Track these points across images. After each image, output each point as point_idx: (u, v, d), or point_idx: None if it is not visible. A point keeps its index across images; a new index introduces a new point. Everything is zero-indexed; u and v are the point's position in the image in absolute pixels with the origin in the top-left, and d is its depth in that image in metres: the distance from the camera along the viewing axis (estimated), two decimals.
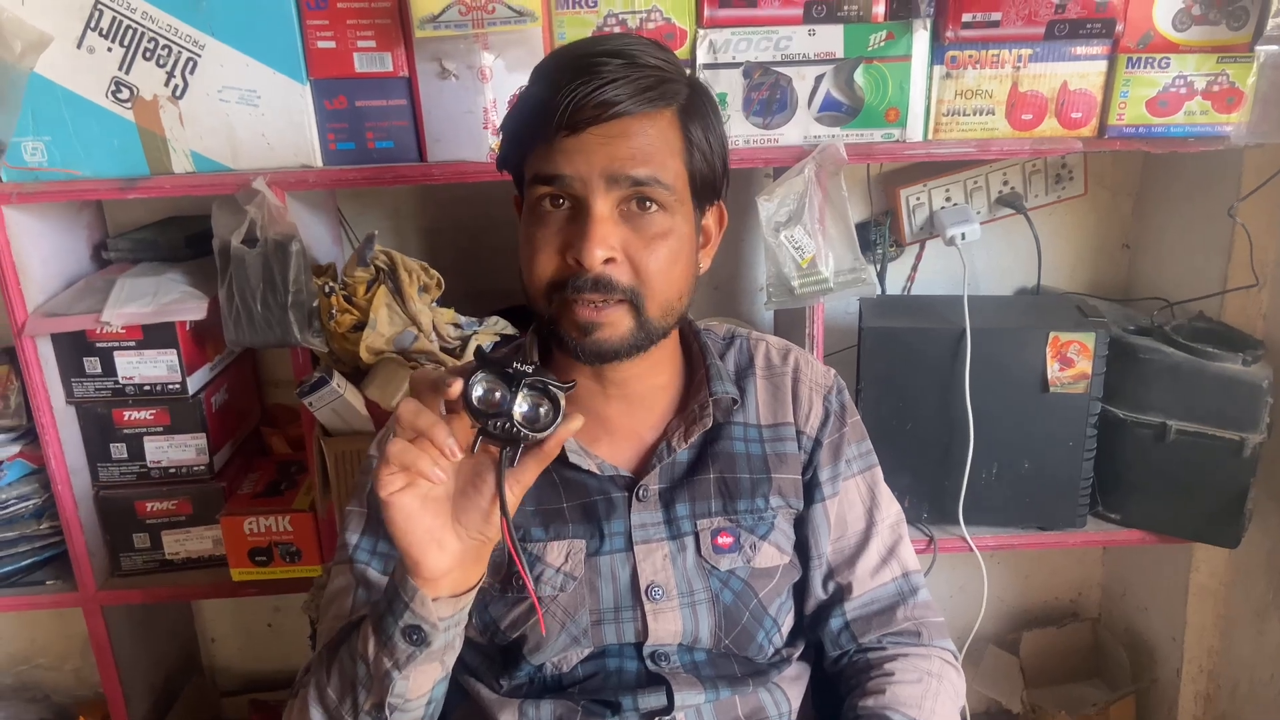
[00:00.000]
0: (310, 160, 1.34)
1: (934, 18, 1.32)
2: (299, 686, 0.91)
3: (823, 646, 1.05)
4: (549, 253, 0.87)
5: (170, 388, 1.46)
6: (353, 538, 0.97)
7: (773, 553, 0.99)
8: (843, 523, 1.03)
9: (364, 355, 1.33)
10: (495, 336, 1.43)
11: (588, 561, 0.95)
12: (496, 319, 1.45)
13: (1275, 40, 1.29)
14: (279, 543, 1.50)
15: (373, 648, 0.80)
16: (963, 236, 1.55)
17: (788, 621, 1.03)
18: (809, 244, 1.36)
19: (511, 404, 0.73)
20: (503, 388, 0.73)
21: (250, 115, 1.31)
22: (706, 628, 0.96)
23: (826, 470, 1.02)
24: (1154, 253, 1.71)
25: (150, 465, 1.50)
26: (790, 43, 1.32)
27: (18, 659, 1.91)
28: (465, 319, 1.43)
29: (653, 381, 0.98)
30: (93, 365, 1.44)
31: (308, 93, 1.31)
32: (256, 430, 1.73)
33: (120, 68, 1.28)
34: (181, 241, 1.53)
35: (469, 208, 1.68)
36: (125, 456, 1.50)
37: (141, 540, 1.53)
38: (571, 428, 0.75)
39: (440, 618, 0.78)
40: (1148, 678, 1.81)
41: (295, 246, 1.30)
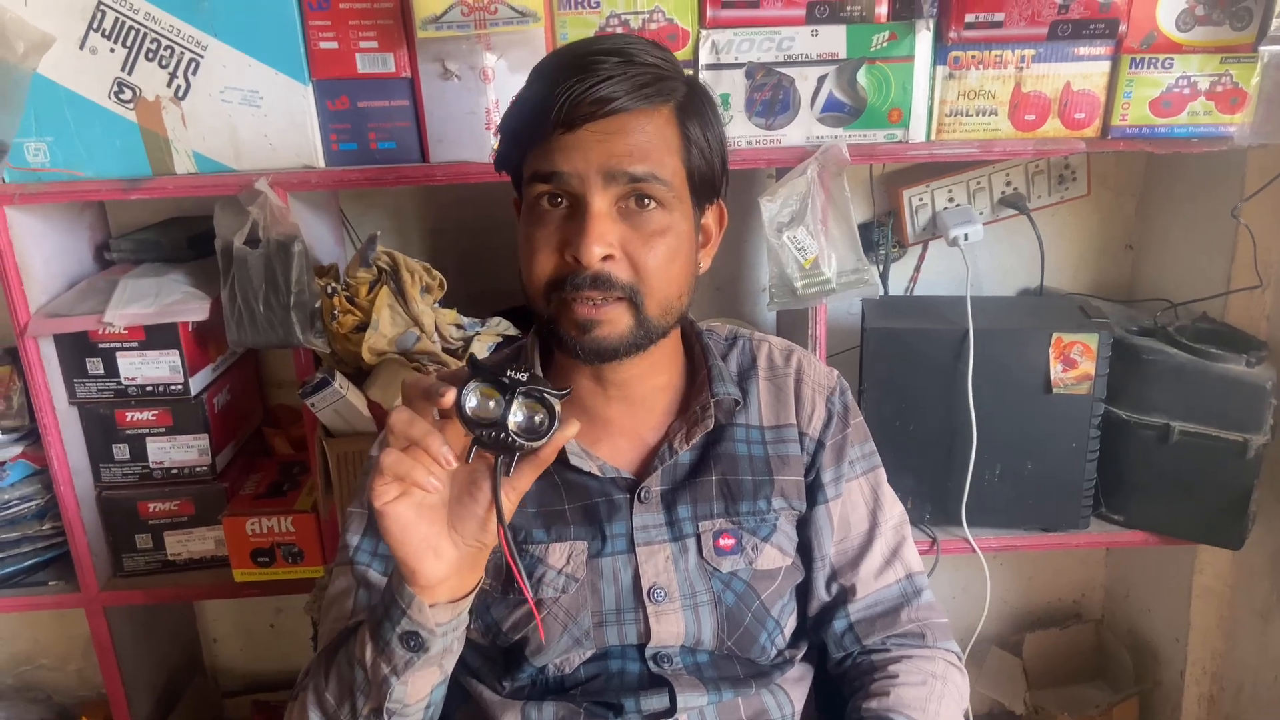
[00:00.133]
0: (312, 161, 1.34)
1: (937, 18, 1.32)
2: (298, 690, 0.90)
3: (826, 648, 1.05)
4: (547, 251, 0.86)
5: (172, 388, 1.46)
6: (354, 539, 0.96)
7: (775, 554, 0.99)
8: (846, 524, 1.03)
9: (366, 356, 1.33)
10: (497, 337, 1.43)
11: (589, 563, 0.94)
12: (498, 320, 1.45)
13: (1279, 41, 1.29)
14: (281, 543, 1.50)
15: (370, 653, 0.80)
16: (965, 237, 1.55)
17: (790, 623, 1.02)
18: (811, 245, 1.36)
19: (506, 413, 0.72)
20: (497, 396, 0.72)
21: (253, 116, 1.31)
22: (709, 629, 0.95)
23: (829, 472, 1.02)
24: (1157, 253, 1.71)
25: (152, 466, 1.50)
26: (793, 43, 1.32)
27: (20, 659, 1.91)
28: (467, 320, 1.43)
29: (654, 382, 0.97)
30: (95, 366, 1.44)
31: (310, 93, 1.31)
32: (259, 431, 1.73)
33: (123, 68, 1.29)
34: (184, 242, 1.53)
35: (471, 208, 1.68)
36: (127, 457, 1.50)
37: (144, 541, 1.54)
38: (567, 434, 0.74)
39: (438, 623, 0.78)
40: (1151, 679, 1.81)
41: (297, 247, 1.30)
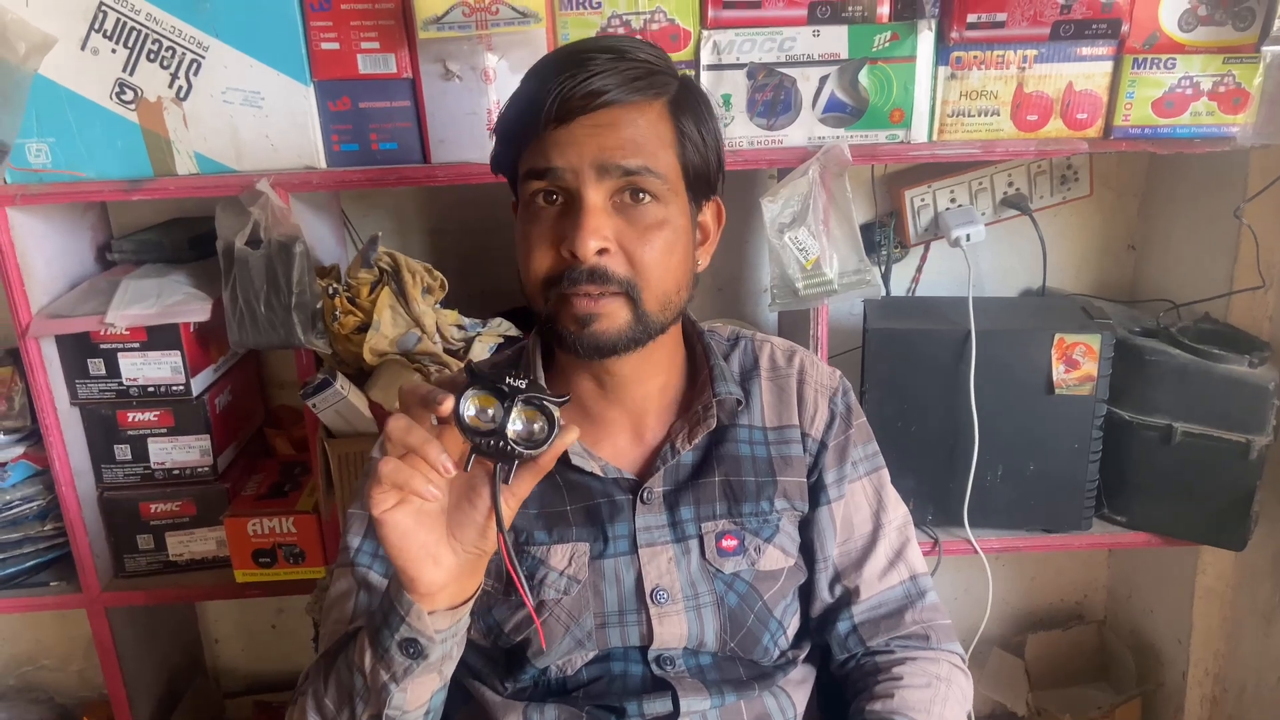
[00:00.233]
0: (314, 162, 1.34)
1: (939, 18, 1.32)
2: (298, 694, 0.90)
3: (829, 649, 1.05)
4: (544, 248, 0.86)
5: (174, 389, 1.46)
6: (354, 540, 0.96)
7: (777, 555, 0.98)
8: (849, 526, 1.03)
9: (367, 357, 1.33)
10: (498, 338, 1.43)
11: (591, 565, 0.94)
12: (500, 321, 1.45)
13: None
14: (282, 544, 1.50)
15: (369, 660, 0.79)
16: (967, 238, 1.55)
17: (793, 623, 1.02)
18: (813, 245, 1.36)
19: (505, 421, 0.71)
20: (495, 405, 0.71)
21: (254, 117, 1.31)
22: (712, 631, 0.95)
23: (832, 473, 1.02)
24: (1160, 254, 1.70)
25: (154, 466, 1.50)
26: (794, 43, 1.32)
27: (22, 660, 1.91)
28: (469, 321, 1.43)
29: (655, 383, 0.97)
30: (97, 367, 1.44)
31: (311, 94, 1.31)
32: (260, 431, 1.73)
33: (124, 69, 1.28)
34: (185, 243, 1.53)
35: (472, 209, 1.68)
36: (129, 458, 1.50)
37: (145, 541, 1.54)
38: (566, 441, 0.73)
39: (437, 630, 0.77)
40: (1154, 681, 1.80)
41: (299, 248, 1.30)
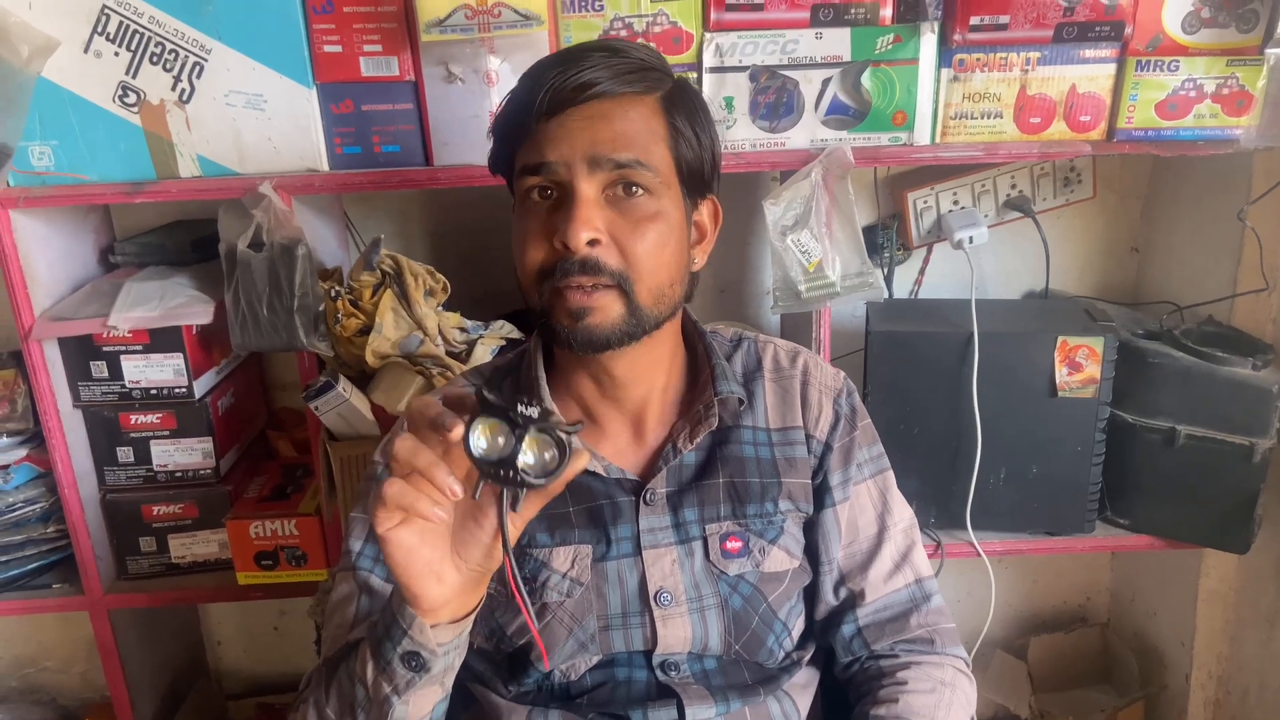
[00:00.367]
0: (316, 164, 1.34)
1: (942, 21, 1.32)
2: (299, 701, 0.90)
3: (833, 653, 1.04)
4: (537, 241, 0.87)
5: (177, 391, 1.46)
6: (356, 544, 0.96)
7: (782, 557, 0.98)
8: (854, 528, 1.02)
9: (370, 359, 1.33)
10: (500, 340, 1.43)
11: (594, 567, 0.94)
12: (502, 323, 1.45)
13: None
14: (285, 546, 1.50)
15: (371, 672, 0.79)
16: (970, 240, 1.54)
17: (798, 625, 1.02)
18: (816, 248, 1.36)
19: (516, 452, 0.69)
20: (506, 434, 0.69)
21: (257, 119, 1.31)
22: (716, 633, 0.95)
23: (837, 475, 1.01)
24: (1163, 256, 1.70)
25: (157, 469, 1.50)
26: (797, 46, 1.32)
27: (24, 662, 1.92)
28: (471, 323, 1.43)
29: (656, 382, 0.97)
30: (99, 369, 1.44)
31: (314, 97, 1.31)
32: (262, 433, 1.73)
33: (127, 72, 1.29)
34: (188, 245, 1.53)
35: (475, 211, 1.68)
36: (132, 460, 1.50)
37: (148, 544, 1.54)
38: (577, 468, 0.72)
39: (440, 643, 0.77)
40: (1157, 683, 1.80)
41: (301, 250, 1.30)
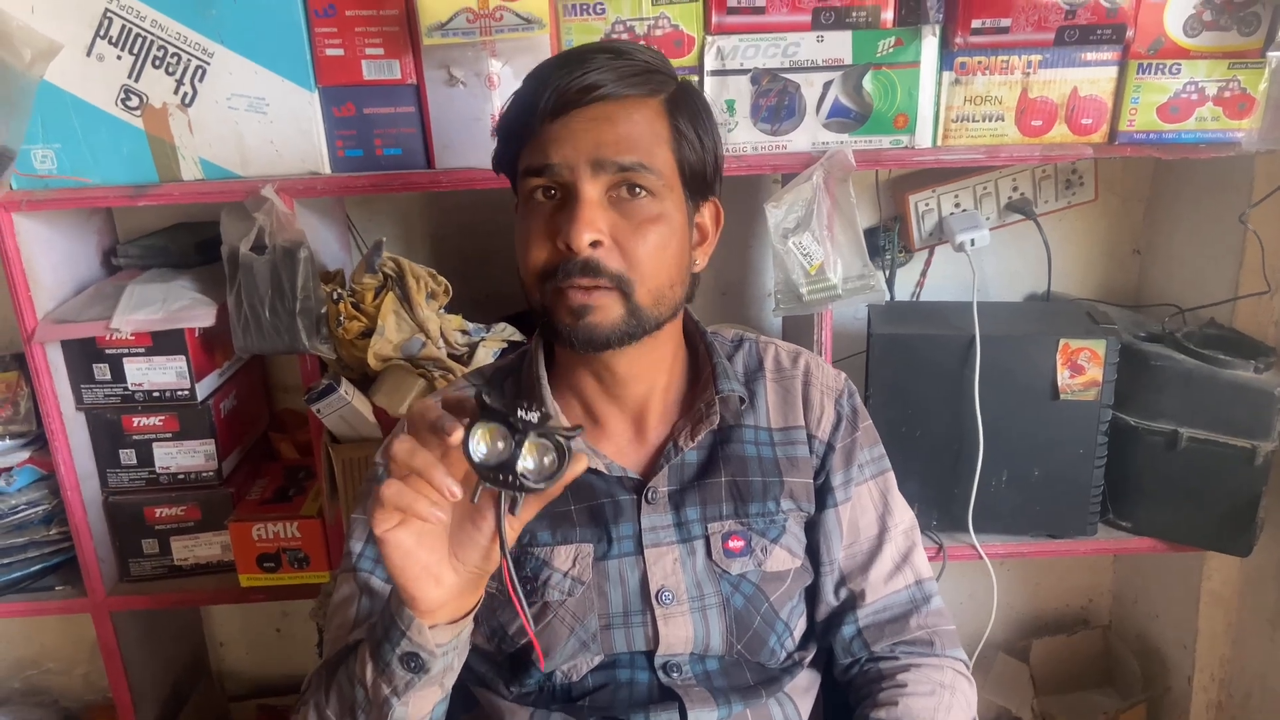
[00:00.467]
0: (318, 167, 1.34)
1: (943, 24, 1.32)
2: (300, 704, 0.90)
3: (833, 654, 1.04)
4: (540, 241, 0.87)
5: (179, 394, 1.46)
6: (357, 546, 0.96)
7: (784, 556, 0.98)
8: (855, 529, 1.03)
9: (372, 362, 1.33)
10: (502, 343, 1.43)
11: (595, 566, 0.94)
12: (504, 326, 1.45)
13: None
14: (287, 549, 1.50)
15: (371, 673, 0.79)
16: (972, 242, 1.54)
17: (799, 625, 1.02)
18: (817, 250, 1.36)
19: (515, 457, 0.69)
20: (506, 439, 0.70)
21: (259, 123, 1.31)
22: (718, 633, 0.95)
23: (839, 475, 1.02)
24: (1165, 259, 1.70)
25: (159, 471, 1.50)
26: (798, 49, 1.32)
27: (27, 664, 1.92)
28: (473, 325, 1.43)
29: (657, 381, 0.97)
30: (102, 371, 1.44)
31: (316, 100, 1.31)
32: (265, 435, 1.73)
33: (130, 75, 1.29)
34: (191, 248, 1.53)
35: (476, 214, 1.68)
36: (134, 462, 1.50)
37: (150, 546, 1.54)
38: (576, 472, 0.72)
39: (438, 644, 0.77)
40: (1159, 686, 1.80)
41: (303, 253, 1.30)
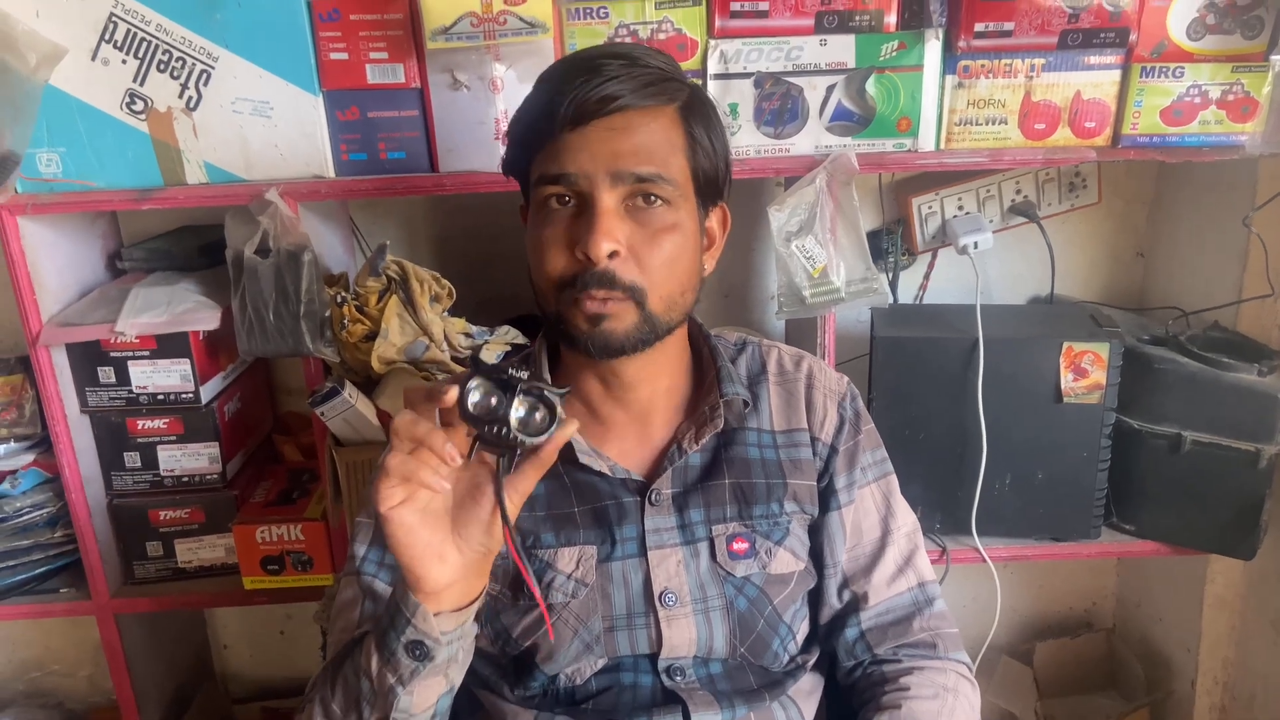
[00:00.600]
0: (322, 171, 1.34)
1: (946, 27, 1.32)
2: (305, 702, 0.91)
3: (836, 657, 1.05)
4: (558, 249, 0.88)
5: (183, 397, 1.46)
6: (361, 549, 0.97)
7: (788, 558, 0.99)
8: (858, 531, 1.03)
9: (375, 365, 1.33)
10: (506, 346, 1.43)
11: (599, 568, 0.94)
12: (508, 328, 1.45)
13: None
14: (291, 551, 1.50)
15: (376, 663, 0.80)
16: (975, 245, 1.54)
17: (803, 628, 1.02)
18: (820, 253, 1.36)
19: (508, 410, 0.73)
20: (498, 394, 0.73)
21: (263, 126, 1.32)
22: (721, 635, 0.95)
23: (842, 478, 1.02)
24: (1168, 262, 1.70)
25: (163, 474, 1.51)
26: (801, 53, 1.32)
27: (31, 666, 1.92)
28: (476, 329, 1.43)
29: (661, 384, 0.98)
30: (107, 374, 1.44)
31: (320, 104, 1.32)
32: (269, 438, 1.73)
33: (134, 80, 1.29)
34: (195, 251, 1.53)
35: (480, 217, 1.68)
36: (139, 465, 1.50)
37: (154, 548, 1.54)
38: (567, 432, 0.76)
39: (443, 632, 0.78)
40: (1163, 689, 1.79)
41: (307, 256, 1.30)
